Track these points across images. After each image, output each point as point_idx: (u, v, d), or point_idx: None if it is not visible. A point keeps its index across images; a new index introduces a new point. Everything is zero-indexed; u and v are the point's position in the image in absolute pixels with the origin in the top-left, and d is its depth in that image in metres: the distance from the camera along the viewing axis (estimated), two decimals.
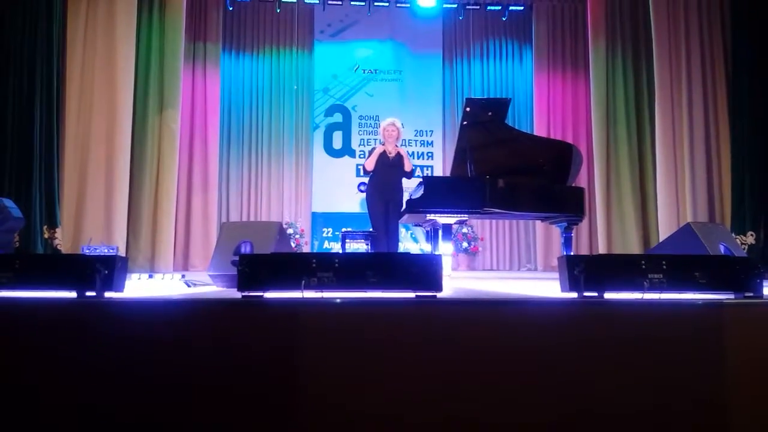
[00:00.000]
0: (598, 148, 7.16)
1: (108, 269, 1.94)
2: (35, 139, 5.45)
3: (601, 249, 7.06)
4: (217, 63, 7.92)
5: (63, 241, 5.63)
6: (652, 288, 1.90)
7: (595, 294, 1.92)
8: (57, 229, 5.59)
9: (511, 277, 5.50)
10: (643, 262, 1.95)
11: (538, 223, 7.38)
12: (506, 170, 4.17)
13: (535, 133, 7.22)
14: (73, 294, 1.92)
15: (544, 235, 7.65)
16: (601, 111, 7.17)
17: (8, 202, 4.55)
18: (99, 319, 1.84)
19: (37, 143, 5.47)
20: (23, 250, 5.15)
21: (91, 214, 5.94)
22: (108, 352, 1.78)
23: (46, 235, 5.52)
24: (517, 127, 6.13)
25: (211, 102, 7.89)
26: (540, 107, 7.90)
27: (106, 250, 3.63)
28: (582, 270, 1.91)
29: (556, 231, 5.48)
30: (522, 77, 8.38)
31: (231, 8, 8.13)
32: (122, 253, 5.67)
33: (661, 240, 5.72)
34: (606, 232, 7.08)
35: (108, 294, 1.95)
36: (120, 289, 2.01)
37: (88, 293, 1.92)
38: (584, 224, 6.99)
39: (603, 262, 2.02)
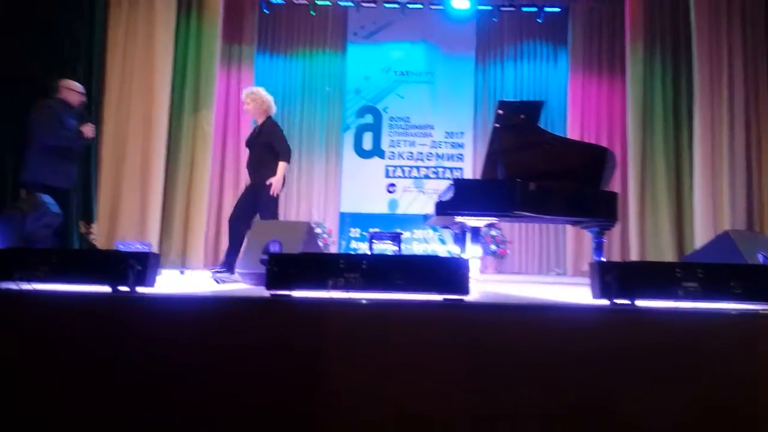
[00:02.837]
0: (634, 153, 7.01)
1: (141, 265, 1.98)
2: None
3: (634, 255, 6.91)
4: (251, 64, 8.04)
5: (98, 236, 5.78)
6: (687, 297, 1.85)
7: (627, 301, 1.88)
8: (93, 225, 5.75)
9: (540, 282, 5.42)
10: (677, 269, 1.90)
11: (569, 227, 7.26)
12: (538, 173, 4.11)
13: (568, 137, 7.11)
14: (107, 288, 1.97)
15: (574, 239, 7.53)
16: (637, 114, 7.02)
17: (47, 198, 4.69)
18: (131, 314, 1.88)
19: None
20: (60, 245, 5.30)
21: (126, 211, 6.09)
22: (138, 347, 1.82)
23: (82, 230, 5.68)
24: (550, 131, 6.04)
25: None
26: (574, 110, 7.78)
27: (139, 246, 3.71)
28: (614, 276, 1.88)
29: (587, 235, 5.38)
30: (556, 80, 8.26)
31: (267, 11, 8.24)
32: (155, 249, 5.79)
33: (696, 248, 5.57)
34: (639, 238, 6.93)
35: (140, 289, 1.99)
36: (151, 284, 2.05)
37: (121, 288, 1.97)
38: (617, 230, 6.85)
39: (636, 269, 1.97)
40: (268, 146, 4.26)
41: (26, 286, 1.95)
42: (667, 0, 7.12)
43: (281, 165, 4.22)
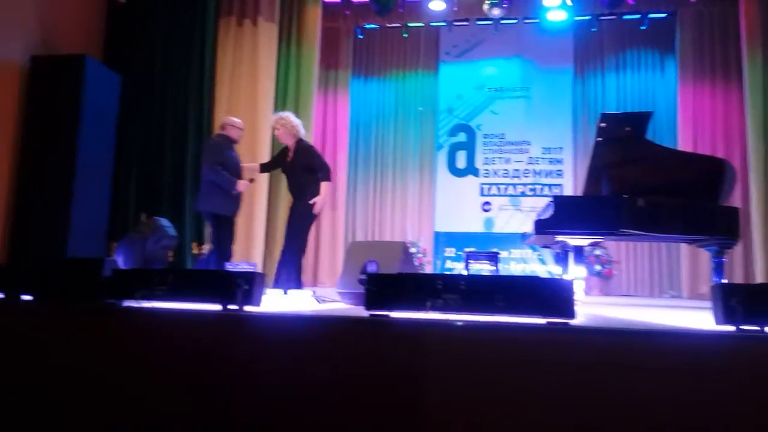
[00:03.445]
0: (756, 164, 6.41)
1: (248, 285, 2.07)
2: (187, 165, 6.05)
3: (760, 277, 6.27)
4: (346, 88, 8.31)
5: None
6: None
7: (757, 328, 1.70)
8: (204, 246, 6.13)
9: (652, 305, 5.06)
10: None
11: (684, 245, 6.75)
12: (647, 189, 3.87)
13: (679, 149, 6.65)
14: (218, 307, 2.08)
15: (690, 258, 6.96)
16: (757, 123, 6.43)
17: (164, 222, 5.08)
18: (239, 332, 1.96)
19: (189, 170, 6.07)
20: (176, 265, 5.70)
21: None
22: (246, 363, 1.89)
23: (194, 251, 6.07)
24: (658, 143, 5.68)
25: (341, 125, 8.27)
26: (685, 121, 7.25)
27: (245, 266, 3.91)
28: (741, 300, 1.73)
29: (704, 254, 4.97)
30: (663, 89, 7.77)
31: (361, 36, 8.49)
32: (259, 269, 6.06)
33: None
34: (766, 257, 6.28)
35: (247, 308, 2.08)
36: (257, 303, 2.14)
37: (231, 306, 2.07)
38: (738, 248, 6.26)
39: (766, 292, 1.79)
40: (307, 168, 4.38)
41: (146, 304, 2.10)
42: None
43: (324, 185, 4.35)
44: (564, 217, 3.66)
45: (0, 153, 4.86)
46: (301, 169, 4.41)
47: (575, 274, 3.71)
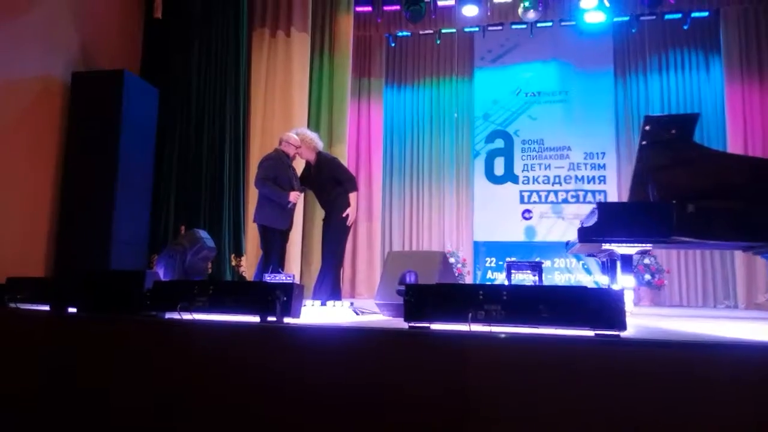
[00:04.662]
0: None
1: (286, 296, 2.06)
2: (225, 179, 6.13)
3: None
4: (380, 97, 8.31)
5: (247, 268, 6.20)
6: None
7: None
8: (242, 258, 6.18)
9: (705, 315, 4.83)
10: None
11: (738, 252, 6.45)
12: (697, 193, 3.71)
13: (728, 151, 6.39)
14: (256, 318, 2.06)
15: (745, 266, 6.63)
16: None
17: (203, 233, 5.14)
18: (279, 343, 1.94)
19: (227, 182, 6.15)
20: (215, 277, 5.76)
21: None
22: (286, 375, 1.87)
23: (233, 263, 6.13)
24: (706, 145, 5.46)
25: (375, 134, 8.27)
26: (734, 121, 6.97)
27: (284, 278, 3.91)
28: None
29: (761, 262, 4.72)
30: (710, 89, 7.50)
31: (393, 44, 8.49)
32: (297, 281, 6.07)
33: None
34: None
35: (286, 319, 2.06)
36: (296, 315, 2.12)
37: (270, 318, 2.05)
38: None
39: None
40: (333, 180, 4.48)
41: (187, 316, 2.10)
42: None
43: (352, 196, 4.44)
44: (609, 224, 3.54)
45: (43, 168, 5.01)
46: (326, 182, 4.52)
47: (624, 283, 3.57)
